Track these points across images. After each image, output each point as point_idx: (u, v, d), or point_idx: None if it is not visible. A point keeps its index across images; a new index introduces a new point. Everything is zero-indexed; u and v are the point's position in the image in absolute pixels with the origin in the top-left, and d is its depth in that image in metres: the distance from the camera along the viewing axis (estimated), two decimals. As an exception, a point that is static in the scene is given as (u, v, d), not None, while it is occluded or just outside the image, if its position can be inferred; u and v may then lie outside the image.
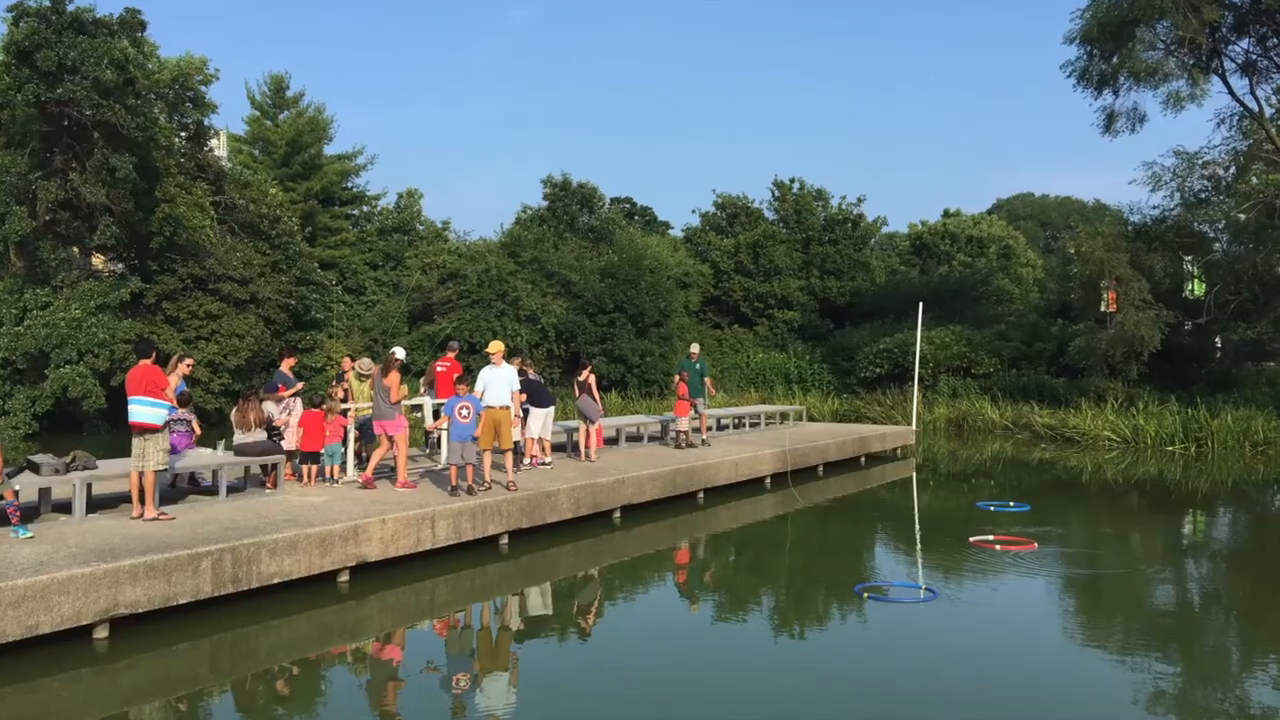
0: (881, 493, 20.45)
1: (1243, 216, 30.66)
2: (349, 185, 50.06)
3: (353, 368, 16.01)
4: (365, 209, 50.61)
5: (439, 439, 16.66)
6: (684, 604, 11.36)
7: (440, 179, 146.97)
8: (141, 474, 11.31)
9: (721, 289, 47.17)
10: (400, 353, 14.76)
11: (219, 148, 39.76)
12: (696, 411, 20.58)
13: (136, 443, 11.25)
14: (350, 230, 48.21)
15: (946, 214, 57.96)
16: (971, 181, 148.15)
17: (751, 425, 25.46)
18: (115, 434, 27.32)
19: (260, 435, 13.75)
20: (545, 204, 48.07)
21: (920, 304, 29.57)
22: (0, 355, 29.00)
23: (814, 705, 7.84)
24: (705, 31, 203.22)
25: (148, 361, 11.41)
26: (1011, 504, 17.63)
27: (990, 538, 14.32)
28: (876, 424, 30.60)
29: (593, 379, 18.29)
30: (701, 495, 17.83)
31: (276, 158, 46.70)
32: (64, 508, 11.67)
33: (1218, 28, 31.33)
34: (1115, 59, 32.25)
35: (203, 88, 34.22)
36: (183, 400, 13.47)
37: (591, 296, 39.99)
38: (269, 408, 14.37)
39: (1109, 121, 33.72)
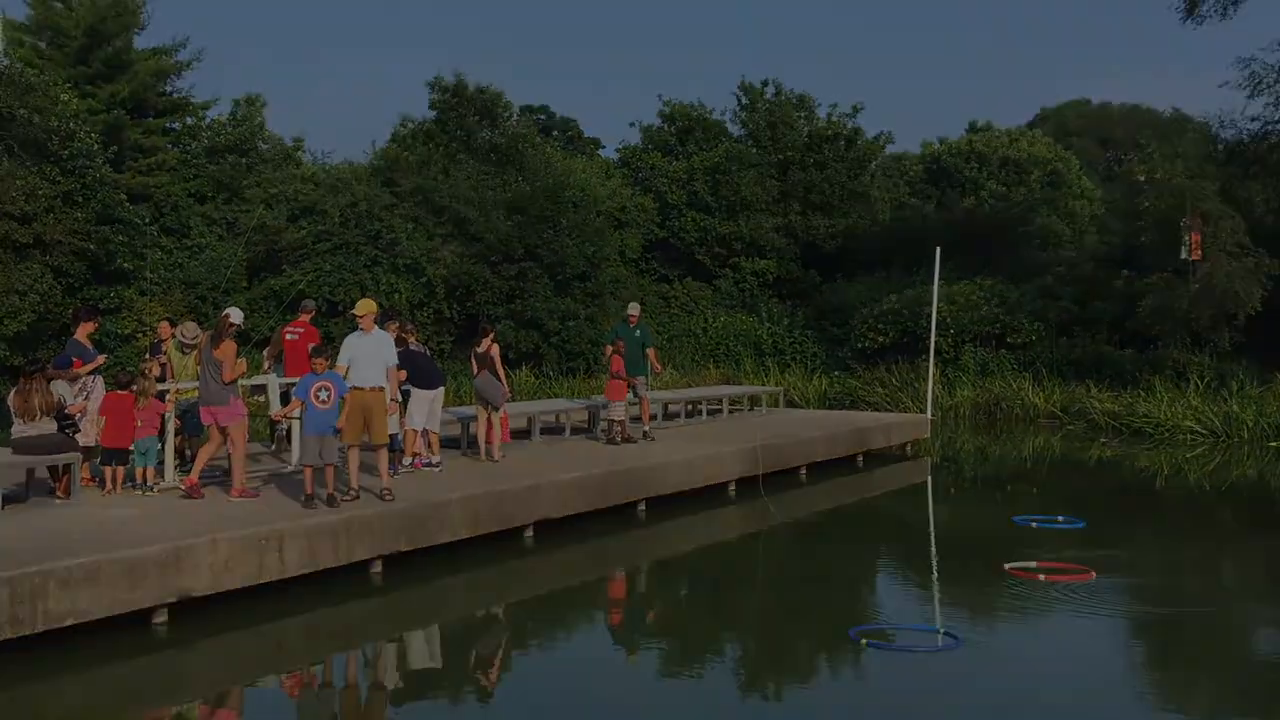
0: (885, 504, 20.66)
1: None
2: (168, 90, 49.40)
3: (173, 335, 15.92)
4: (190, 121, 50.02)
5: (289, 431, 16.59)
6: (619, 653, 11.44)
7: (290, 82, 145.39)
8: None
9: (669, 229, 47.07)
10: (237, 315, 14.66)
11: (-9, 38, 39.06)
12: (636, 394, 20.65)
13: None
14: (170, 150, 47.58)
15: (973, 129, 58.43)
16: (1007, 85, 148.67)
17: (711, 413, 25.61)
18: None
19: (49, 426, 13.62)
20: (432, 115, 47.74)
21: (938, 249, 29.74)
22: None
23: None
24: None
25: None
26: (1061, 519, 17.77)
27: (1032, 565, 14.45)
28: (879, 411, 30.89)
29: (496, 350, 18.27)
30: (643, 507, 17.91)
31: (69, 52, 45.96)
32: None
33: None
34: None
35: (-31, -43, 33.66)
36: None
37: (495, 239, 39.77)
38: (60, 389, 14.22)
39: (1191, 5, 34.01)
